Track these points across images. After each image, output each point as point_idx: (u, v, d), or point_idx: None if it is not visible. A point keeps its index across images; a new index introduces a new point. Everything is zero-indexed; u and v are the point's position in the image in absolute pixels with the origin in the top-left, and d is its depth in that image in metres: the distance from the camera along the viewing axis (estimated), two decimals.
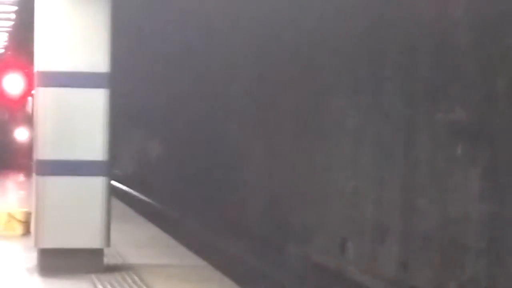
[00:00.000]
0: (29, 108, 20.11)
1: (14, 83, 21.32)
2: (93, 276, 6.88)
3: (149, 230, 10.51)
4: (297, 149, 12.99)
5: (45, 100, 6.73)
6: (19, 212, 9.86)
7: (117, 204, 12.20)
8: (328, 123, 11.91)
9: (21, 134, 19.64)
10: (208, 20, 16.80)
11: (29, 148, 18.08)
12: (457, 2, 8.61)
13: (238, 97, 15.55)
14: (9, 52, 22.53)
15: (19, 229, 9.66)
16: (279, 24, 13.23)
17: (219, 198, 16.70)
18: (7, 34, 19.76)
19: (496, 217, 8.07)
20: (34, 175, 6.95)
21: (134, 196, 19.84)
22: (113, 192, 8.18)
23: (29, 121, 18.99)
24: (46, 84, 6.74)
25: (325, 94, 11.82)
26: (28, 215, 9.27)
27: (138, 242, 9.31)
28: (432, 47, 9.41)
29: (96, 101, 6.78)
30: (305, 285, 9.95)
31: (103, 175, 6.81)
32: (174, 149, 20.06)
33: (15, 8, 15.48)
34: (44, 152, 6.73)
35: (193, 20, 17.38)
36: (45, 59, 6.75)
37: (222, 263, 11.48)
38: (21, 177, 19.26)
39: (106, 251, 7.22)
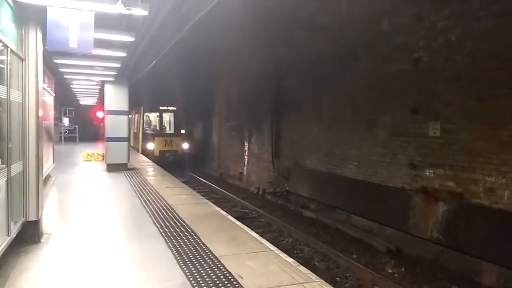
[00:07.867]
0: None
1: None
2: (123, 171, 15.27)
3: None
4: None
5: None
6: (98, 153, 18.54)
7: None
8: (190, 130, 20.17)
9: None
10: None
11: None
12: (255, 61, 15.77)
13: None
14: None
15: (100, 158, 18.40)
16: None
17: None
18: None
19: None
20: None
21: None
22: None
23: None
24: None
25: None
26: (102, 154, 17.86)
27: None
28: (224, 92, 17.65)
29: None
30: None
31: None
32: None
33: None
34: None
35: None
36: None
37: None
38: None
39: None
